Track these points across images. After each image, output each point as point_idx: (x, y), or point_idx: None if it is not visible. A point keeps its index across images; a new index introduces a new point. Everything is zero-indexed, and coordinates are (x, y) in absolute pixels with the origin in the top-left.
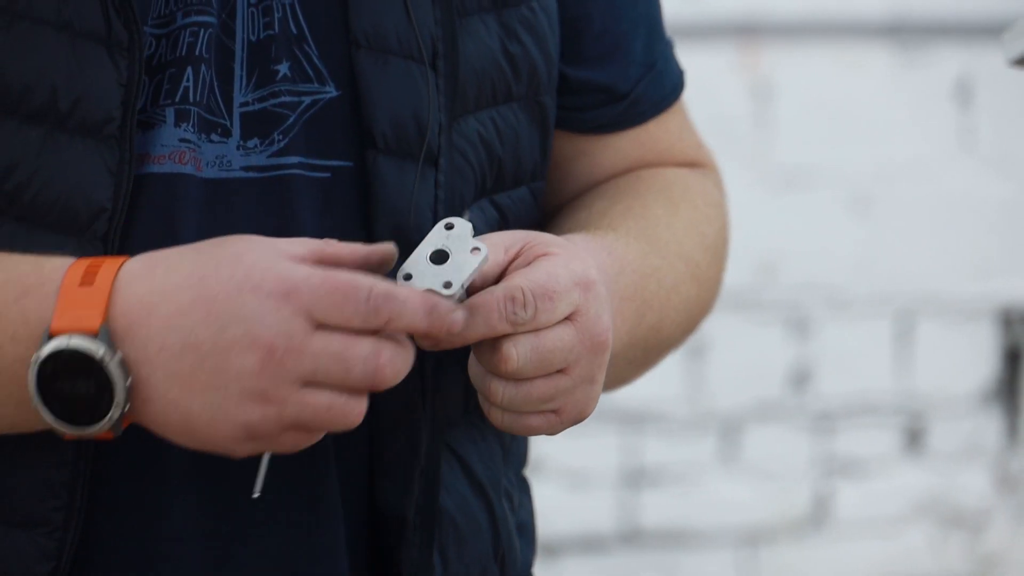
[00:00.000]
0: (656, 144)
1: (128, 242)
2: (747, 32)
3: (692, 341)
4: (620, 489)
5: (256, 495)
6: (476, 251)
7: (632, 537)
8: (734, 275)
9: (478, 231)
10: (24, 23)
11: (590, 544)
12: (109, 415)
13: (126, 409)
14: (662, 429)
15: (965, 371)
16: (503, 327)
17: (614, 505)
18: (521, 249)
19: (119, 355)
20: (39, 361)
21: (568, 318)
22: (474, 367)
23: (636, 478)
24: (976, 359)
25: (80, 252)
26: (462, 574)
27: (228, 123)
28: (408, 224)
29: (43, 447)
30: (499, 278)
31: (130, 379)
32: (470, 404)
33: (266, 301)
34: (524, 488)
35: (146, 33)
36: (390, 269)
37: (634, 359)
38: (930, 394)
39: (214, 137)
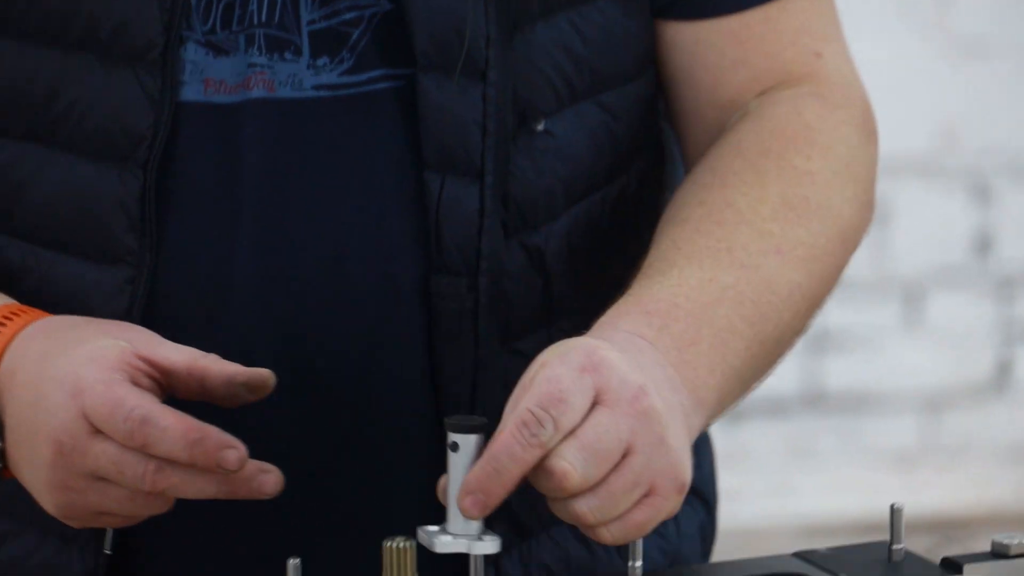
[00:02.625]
0: (761, 45)
1: (184, 173)
2: None
3: (877, 207)
4: (803, 353)
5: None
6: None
7: (815, 401)
8: (917, 141)
9: (574, 138)
10: None
11: (773, 408)
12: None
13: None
14: (846, 294)
15: None
16: (533, 454)
17: (797, 369)
18: (522, 382)
19: None
20: None
21: (594, 403)
22: (554, 508)
23: (820, 342)
24: None
25: (121, 182)
26: None
27: (299, 41)
28: (453, 142)
29: None
30: None
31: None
32: None
33: (62, 397)
34: None
35: None
36: (266, 393)
37: (747, 377)
38: None
39: (287, 55)
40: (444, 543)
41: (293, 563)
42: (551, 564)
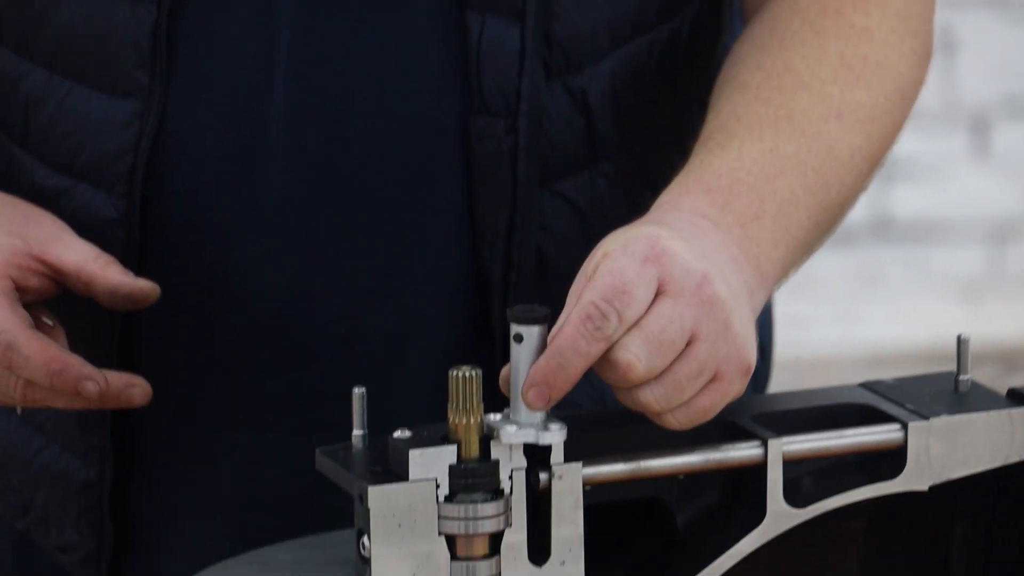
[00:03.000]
0: None
1: (212, 10)
2: None
3: (943, 37)
4: (872, 182)
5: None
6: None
7: (882, 229)
8: None
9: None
10: None
11: (841, 236)
12: None
13: None
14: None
15: None
16: (597, 348)
17: (865, 197)
18: (585, 271)
19: None
20: None
21: (657, 293)
22: (619, 396)
23: (887, 171)
24: None
25: (132, 15)
26: None
27: None
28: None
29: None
30: None
31: None
32: None
33: None
34: None
35: None
36: (148, 304)
37: (811, 245)
38: None
39: None
40: (509, 433)
41: (359, 392)
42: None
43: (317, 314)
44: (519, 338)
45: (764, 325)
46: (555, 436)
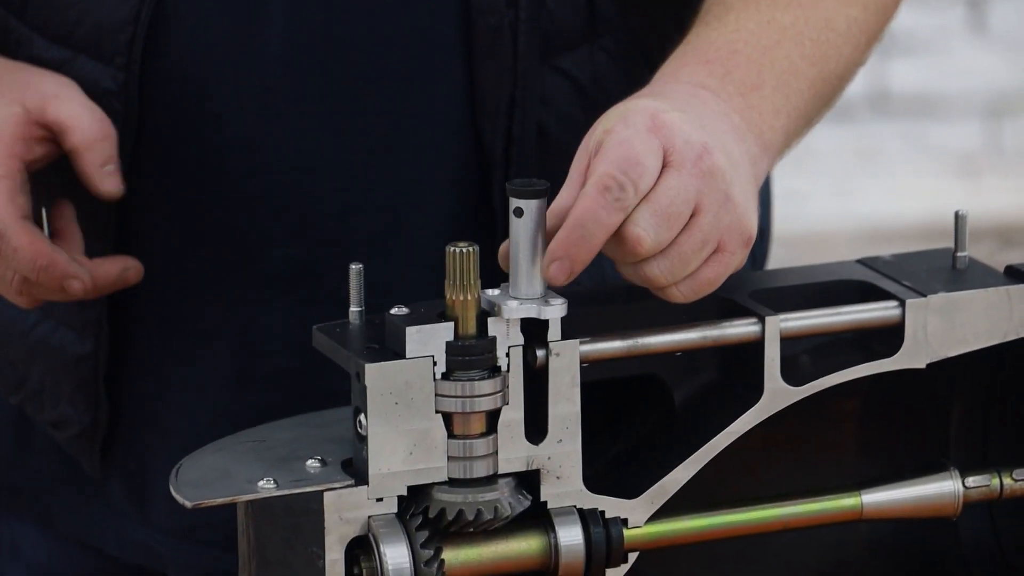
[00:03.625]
0: None
1: None
2: None
3: None
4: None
5: None
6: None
7: (879, 104)
8: None
9: None
10: None
11: (838, 110)
12: None
13: None
14: None
15: None
16: (617, 218)
17: (862, 71)
18: (587, 146)
19: None
20: None
21: (664, 166)
22: (624, 271)
23: (884, 45)
24: None
25: None
26: None
27: None
28: None
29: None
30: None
31: None
32: None
33: None
34: None
35: None
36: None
37: (812, 115)
38: None
39: None
40: (511, 308)
41: (355, 268)
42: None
43: (315, 188)
44: (519, 212)
45: (763, 205)
46: (557, 310)
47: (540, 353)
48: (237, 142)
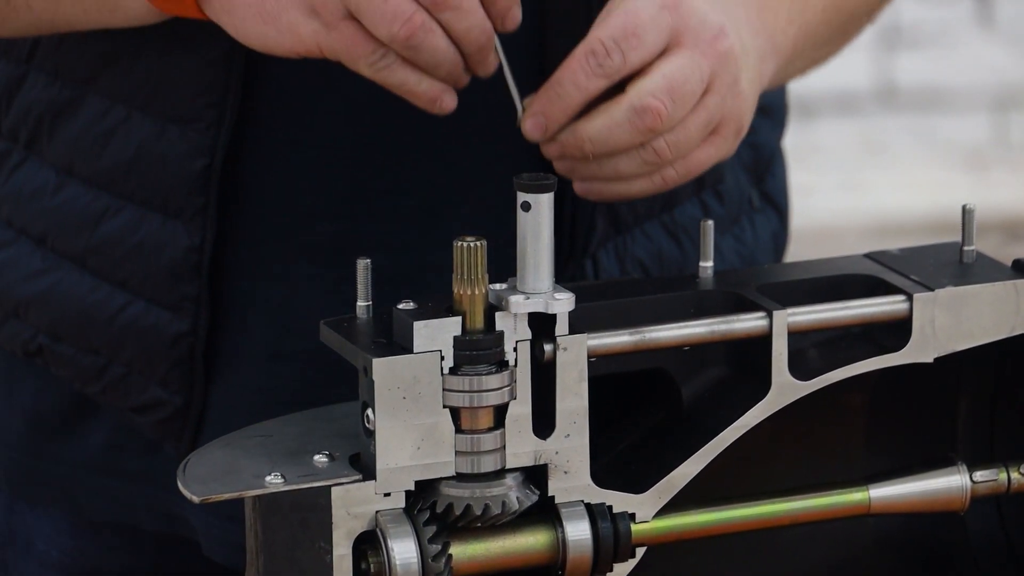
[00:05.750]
0: None
1: None
2: None
3: None
4: (875, 49)
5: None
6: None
7: (887, 97)
8: None
9: None
10: None
11: (845, 104)
12: None
13: None
14: None
15: None
16: (596, 84)
17: (869, 64)
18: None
19: None
20: None
21: (673, 44)
22: (625, 159)
23: (892, 38)
24: None
25: None
26: None
27: None
28: None
29: (191, 45)
30: None
31: None
32: None
33: None
34: None
35: None
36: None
37: (820, 41)
38: None
39: None
40: (518, 302)
41: (363, 263)
42: (644, 259)
43: (367, 163)
44: (527, 206)
45: (780, 192)
46: (564, 305)
47: (548, 347)
48: (292, 113)
